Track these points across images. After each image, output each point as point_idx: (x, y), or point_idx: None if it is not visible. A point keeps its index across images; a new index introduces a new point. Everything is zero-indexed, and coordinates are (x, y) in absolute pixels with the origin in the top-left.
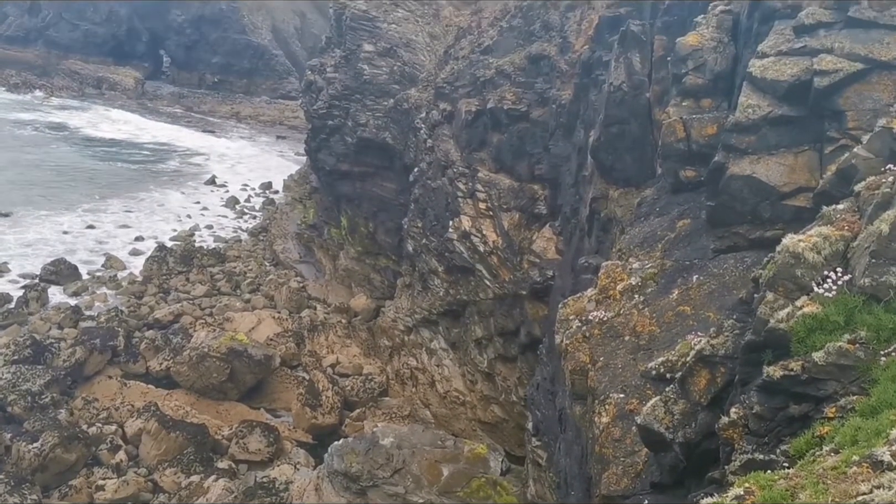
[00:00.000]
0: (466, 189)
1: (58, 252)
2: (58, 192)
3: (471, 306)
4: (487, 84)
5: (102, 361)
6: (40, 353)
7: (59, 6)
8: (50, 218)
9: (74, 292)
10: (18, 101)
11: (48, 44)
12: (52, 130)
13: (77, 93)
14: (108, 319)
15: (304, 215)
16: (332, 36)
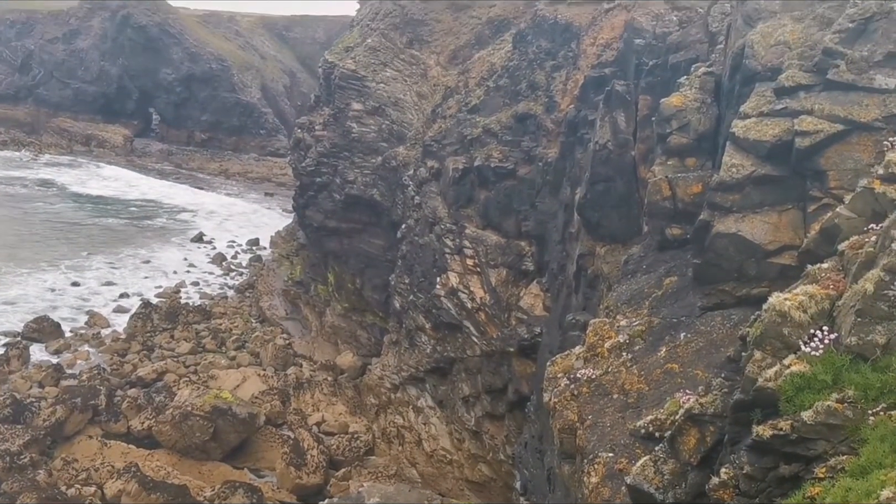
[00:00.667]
0: (454, 245)
1: (41, 309)
2: (43, 248)
3: (458, 363)
4: (474, 142)
5: (83, 421)
6: (20, 412)
7: (50, 65)
8: (34, 274)
9: (56, 350)
10: (7, 159)
11: (38, 102)
12: (40, 187)
13: (66, 150)
14: (90, 378)
15: (291, 272)
16: (321, 94)
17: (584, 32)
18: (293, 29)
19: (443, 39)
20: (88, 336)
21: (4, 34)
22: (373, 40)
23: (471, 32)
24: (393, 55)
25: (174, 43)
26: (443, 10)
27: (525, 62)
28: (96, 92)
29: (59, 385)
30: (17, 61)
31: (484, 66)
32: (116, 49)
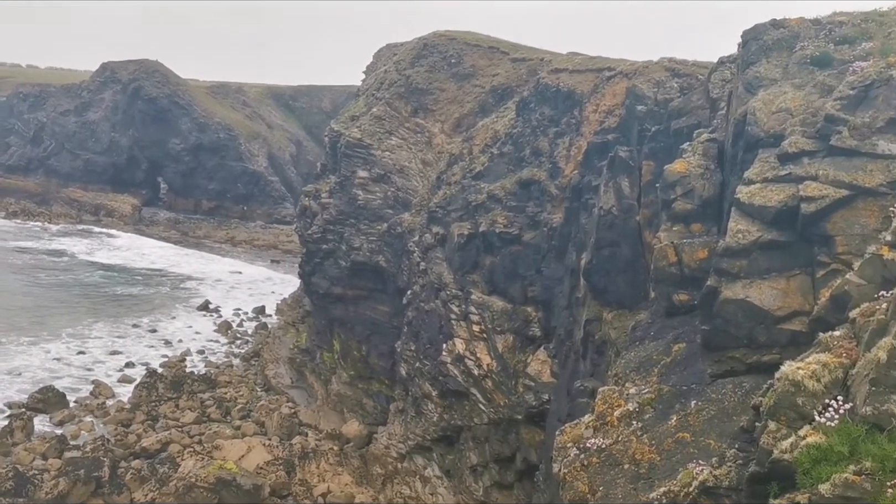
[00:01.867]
0: (460, 311)
1: (46, 379)
2: (49, 317)
3: (465, 432)
4: (479, 208)
5: (86, 493)
6: (22, 485)
7: (61, 136)
8: (39, 344)
9: (61, 421)
10: (18, 229)
11: (49, 172)
12: (50, 257)
13: (75, 220)
14: (94, 449)
15: (297, 339)
16: (327, 163)
17: (586, 99)
18: (299, 98)
19: (447, 108)
20: (93, 406)
21: (17, 107)
22: (378, 109)
23: (474, 101)
24: (398, 123)
25: (183, 114)
26: (446, 79)
27: (528, 129)
28: (106, 162)
29: (63, 457)
30: (30, 133)
31: (488, 134)
32: (127, 120)
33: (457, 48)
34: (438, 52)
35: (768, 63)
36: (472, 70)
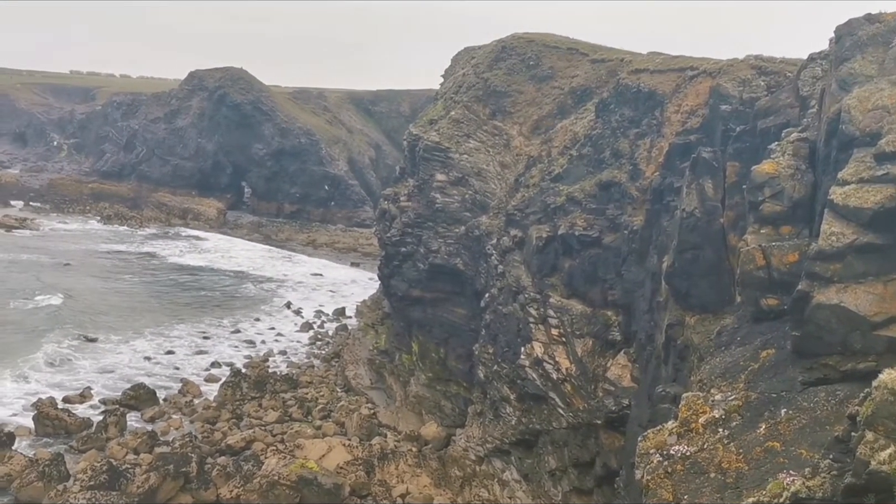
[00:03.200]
0: (538, 315)
1: (137, 377)
2: (139, 318)
3: (544, 436)
4: (558, 211)
5: (175, 488)
6: (116, 478)
7: (152, 143)
8: (130, 343)
9: (151, 417)
10: (111, 232)
11: (140, 178)
12: (138, 259)
13: (164, 223)
14: (182, 445)
15: (376, 341)
16: (405, 166)
17: (667, 100)
18: (379, 103)
19: (525, 110)
20: (181, 404)
21: (112, 115)
22: (456, 112)
23: (553, 102)
24: (476, 126)
25: (266, 119)
26: (525, 81)
27: (608, 130)
28: (193, 167)
29: (153, 452)
30: (123, 140)
31: (567, 136)
32: (213, 127)
33: (535, 50)
34: (517, 55)
35: (863, 59)
36: (551, 72)
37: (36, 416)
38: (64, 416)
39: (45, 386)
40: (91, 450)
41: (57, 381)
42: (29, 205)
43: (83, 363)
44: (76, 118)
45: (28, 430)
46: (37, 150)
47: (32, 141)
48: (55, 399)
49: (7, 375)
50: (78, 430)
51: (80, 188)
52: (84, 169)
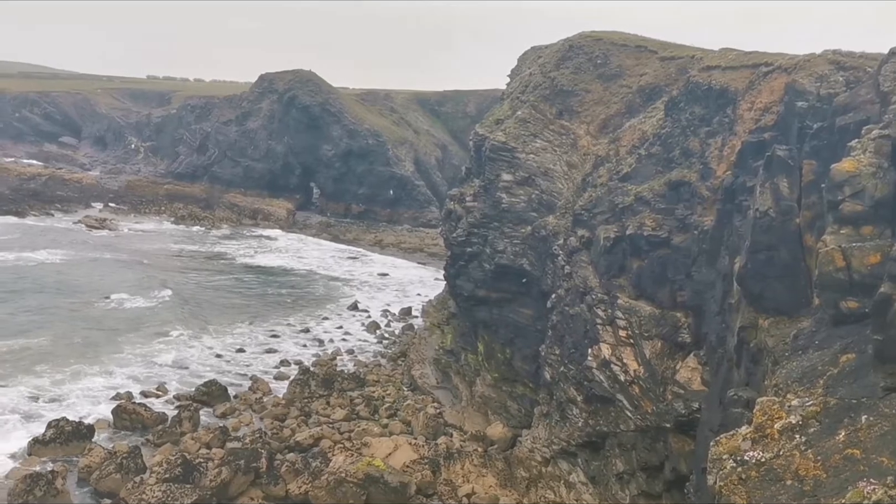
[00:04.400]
0: (606, 316)
1: (210, 374)
2: (210, 316)
3: (611, 438)
4: (626, 211)
5: (246, 483)
6: (189, 472)
7: (224, 145)
8: (204, 341)
9: (223, 414)
10: (184, 232)
11: (213, 179)
12: (210, 259)
13: (235, 223)
14: (253, 441)
15: (442, 341)
16: (471, 166)
17: (740, 97)
18: (445, 104)
19: (593, 109)
20: (251, 401)
21: (185, 118)
22: (523, 112)
23: (621, 101)
24: (543, 126)
25: (334, 121)
26: (592, 80)
27: (678, 129)
28: (263, 169)
29: (225, 447)
30: (196, 143)
31: (635, 135)
32: (282, 128)
33: (603, 48)
34: (584, 53)
35: None
36: (619, 70)
37: (114, 409)
38: (140, 410)
39: (124, 380)
40: (166, 444)
41: (135, 376)
42: (108, 206)
43: (159, 359)
44: (152, 121)
45: (107, 423)
46: (116, 153)
47: (112, 144)
48: (132, 394)
49: (92, 371)
50: (153, 424)
51: (155, 189)
52: (159, 171)
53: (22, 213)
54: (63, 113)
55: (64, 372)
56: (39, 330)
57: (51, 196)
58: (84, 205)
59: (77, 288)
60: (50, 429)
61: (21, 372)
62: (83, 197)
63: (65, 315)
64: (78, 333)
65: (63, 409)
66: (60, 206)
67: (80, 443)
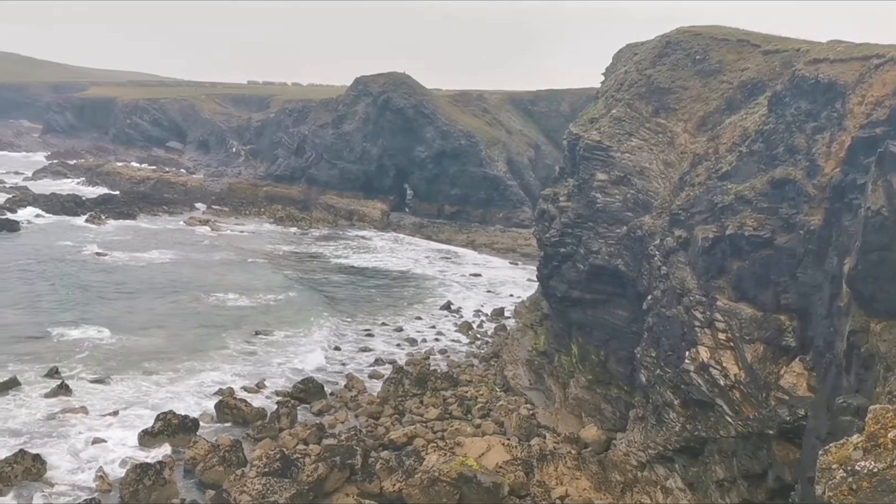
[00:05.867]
0: (704, 318)
1: (307, 371)
2: (310, 316)
3: (710, 444)
4: (726, 210)
5: (341, 479)
6: (287, 466)
7: (320, 147)
8: (302, 339)
9: (319, 411)
10: (282, 233)
11: (309, 181)
12: (308, 259)
13: (331, 224)
14: (348, 438)
15: (535, 342)
16: (565, 166)
17: (850, 91)
18: (538, 103)
19: (691, 106)
20: (347, 399)
21: (284, 122)
22: (618, 111)
23: (721, 98)
24: (638, 124)
25: (427, 122)
26: (690, 76)
27: (782, 125)
28: (358, 170)
29: (321, 444)
30: (294, 146)
31: (736, 132)
32: (377, 131)
33: (702, 43)
34: (682, 49)
35: None
36: (719, 65)
37: (217, 404)
38: (241, 405)
39: (227, 376)
40: (265, 439)
41: (237, 372)
42: (211, 208)
43: (259, 356)
44: (252, 126)
45: (210, 416)
46: (218, 156)
47: (214, 148)
48: (234, 389)
49: (198, 366)
50: (253, 419)
51: (255, 191)
52: (259, 173)
53: (132, 214)
54: (170, 119)
55: (172, 367)
56: (151, 326)
57: (158, 198)
58: (189, 206)
59: (185, 286)
60: (158, 421)
61: (134, 366)
62: (188, 199)
63: (174, 312)
64: (186, 330)
65: (171, 403)
66: (167, 208)
67: (186, 435)
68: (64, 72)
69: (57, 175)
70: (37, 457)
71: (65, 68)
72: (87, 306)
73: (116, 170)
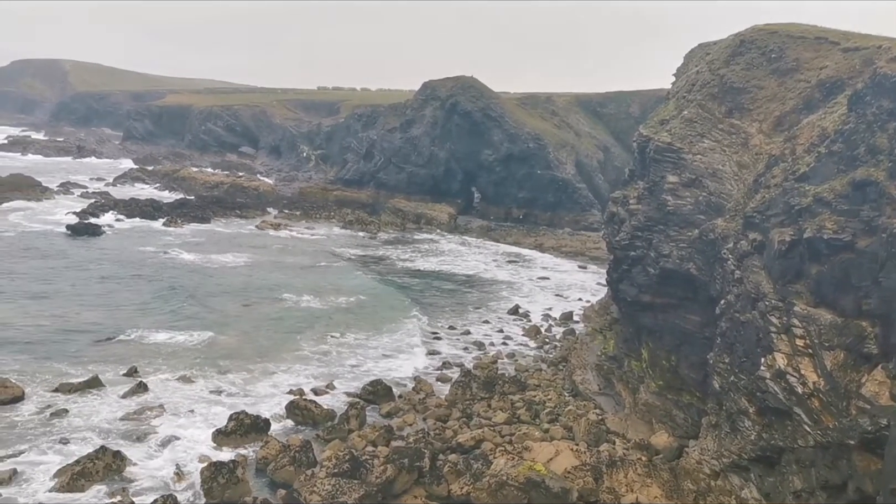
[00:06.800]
0: (780, 324)
1: (376, 373)
2: (377, 318)
3: (787, 453)
4: (803, 212)
5: (410, 481)
6: (356, 467)
7: (389, 152)
8: (370, 341)
9: (388, 413)
10: (351, 237)
11: (378, 185)
12: (376, 263)
13: (399, 227)
14: (416, 440)
15: (604, 346)
16: (634, 168)
17: None
18: (607, 105)
19: (766, 106)
20: (415, 401)
21: (353, 127)
22: (689, 112)
23: (798, 97)
24: (711, 125)
25: (495, 126)
26: (765, 76)
27: (863, 125)
28: (426, 174)
29: (390, 445)
30: (363, 150)
31: (814, 132)
32: (444, 135)
33: (778, 41)
34: (757, 48)
35: None
36: (796, 64)
37: (288, 405)
38: (311, 406)
39: (298, 377)
40: (335, 440)
41: (308, 373)
42: (282, 212)
43: (329, 358)
44: (322, 131)
45: (282, 417)
46: (289, 161)
47: (286, 153)
48: (304, 390)
49: (270, 367)
50: (323, 420)
51: (325, 195)
52: (329, 178)
53: (207, 218)
54: (243, 124)
55: (246, 367)
56: (226, 327)
57: (232, 203)
58: (261, 210)
59: (258, 288)
60: (231, 421)
61: (209, 366)
62: (260, 203)
63: (249, 313)
64: (260, 331)
65: (243, 403)
66: (240, 212)
67: (258, 435)
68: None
69: (136, 180)
70: (117, 453)
71: (144, 77)
72: (164, 307)
73: (192, 175)
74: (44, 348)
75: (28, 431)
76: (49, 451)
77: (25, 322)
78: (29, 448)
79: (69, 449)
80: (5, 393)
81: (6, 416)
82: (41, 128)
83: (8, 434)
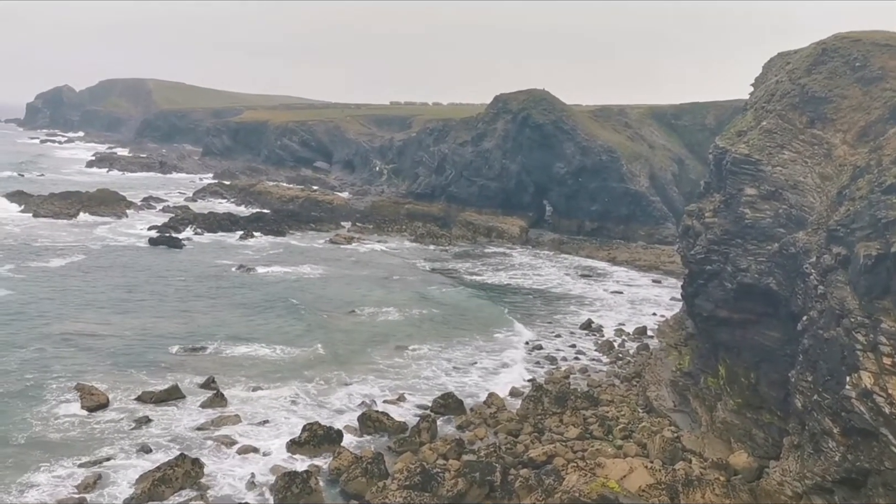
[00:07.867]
0: (867, 341)
1: (447, 386)
2: (448, 331)
3: (874, 476)
4: (891, 225)
5: (480, 495)
6: (428, 480)
7: (460, 165)
8: (442, 354)
9: (459, 426)
10: (422, 250)
11: (449, 198)
12: (447, 276)
13: (471, 241)
14: (487, 454)
15: (680, 362)
16: (710, 181)
17: None
18: (682, 117)
19: (850, 116)
20: (486, 415)
21: (424, 141)
22: (768, 122)
23: (884, 106)
24: (791, 136)
25: (567, 138)
26: (849, 85)
27: None
28: (497, 187)
29: (461, 459)
30: (434, 164)
31: None
32: (516, 148)
33: (862, 50)
34: (840, 56)
35: None
36: (881, 73)
37: (360, 416)
38: (383, 418)
39: (371, 389)
40: (406, 452)
41: (381, 384)
42: (356, 225)
43: (402, 370)
44: (395, 145)
45: (354, 428)
46: (362, 175)
47: (359, 167)
48: (376, 402)
49: (345, 378)
50: (395, 432)
51: (397, 209)
52: (401, 191)
53: (282, 232)
54: (317, 140)
55: (321, 378)
56: (303, 339)
57: (306, 216)
58: (335, 224)
59: (333, 300)
60: (305, 431)
61: (285, 378)
62: (333, 217)
63: (324, 325)
64: (335, 343)
65: (317, 413)
66: (314, 225)
67: (330, 445)
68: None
69: (214, 195)
70: (195, 461)
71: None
72: (241, 319)
73: (267, 189)
74: (126, 358)
75: (111, 438)
76: (131, 457)
77: (109, 331)
78: (112, 454)
79: (151, 456)
80: (91, 400)
81: (91, 422)
82: (126, 144)
83: (93, 440)
